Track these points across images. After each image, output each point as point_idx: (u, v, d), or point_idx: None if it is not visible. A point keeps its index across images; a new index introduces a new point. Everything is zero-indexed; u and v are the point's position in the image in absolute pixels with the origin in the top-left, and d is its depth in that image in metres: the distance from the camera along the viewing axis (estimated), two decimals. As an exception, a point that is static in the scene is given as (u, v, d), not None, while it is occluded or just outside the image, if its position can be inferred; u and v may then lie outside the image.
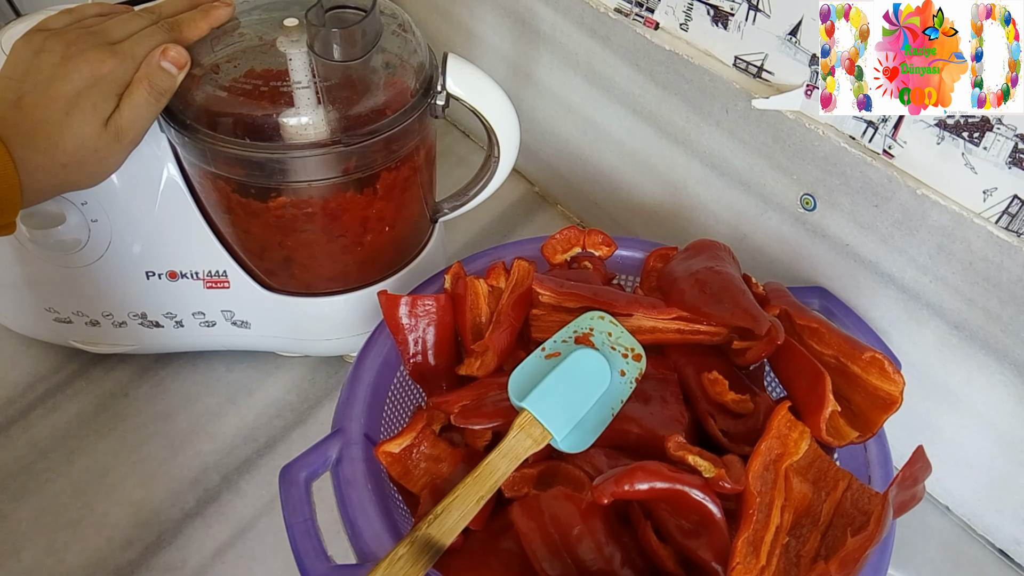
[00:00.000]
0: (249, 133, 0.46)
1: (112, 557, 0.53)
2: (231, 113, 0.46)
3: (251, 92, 0.46)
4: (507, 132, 0.55)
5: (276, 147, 0.47)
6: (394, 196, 0.53)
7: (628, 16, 0.59)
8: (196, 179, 0.52)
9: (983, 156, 0.44)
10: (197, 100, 0.47)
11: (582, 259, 0.54)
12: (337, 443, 0.43)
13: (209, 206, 0.53)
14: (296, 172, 0.48)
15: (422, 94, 0.51)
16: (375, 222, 0.54)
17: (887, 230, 0.50)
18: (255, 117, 0.46)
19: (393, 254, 0.58)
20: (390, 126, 0.49)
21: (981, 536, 0.57)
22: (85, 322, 0.58)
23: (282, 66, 0.47)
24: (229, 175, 0.49)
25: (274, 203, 0.50)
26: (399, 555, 0.37)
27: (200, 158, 0.49)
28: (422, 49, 0.52)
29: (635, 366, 0.46)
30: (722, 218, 0.61)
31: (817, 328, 0.46)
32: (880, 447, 0.45)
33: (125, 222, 0.53)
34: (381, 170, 0.51)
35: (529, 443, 0.42)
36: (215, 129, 0.47)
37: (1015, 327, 0.46)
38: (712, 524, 0.39)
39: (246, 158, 0.47)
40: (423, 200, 0.58)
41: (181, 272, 0.56)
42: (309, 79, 0.47)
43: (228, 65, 0.47)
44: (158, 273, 0.55)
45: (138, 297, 0.57)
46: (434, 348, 0.49)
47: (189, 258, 0.55)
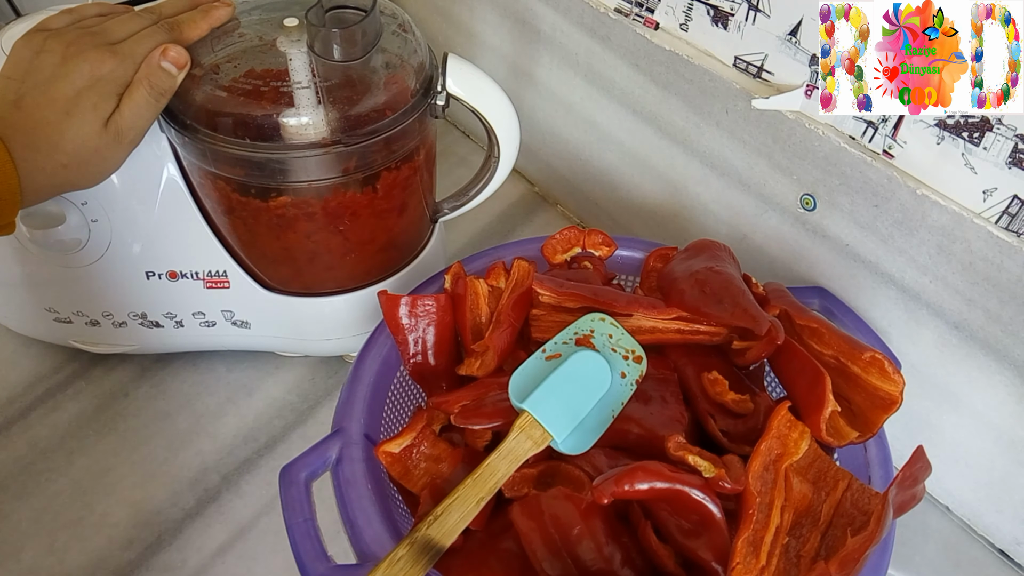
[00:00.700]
0: (249, 133, 0.46)
1: (112, 557, 0.53)
2: (231, 113, 0.46)
3: (251, 92, 0.46)
4: (507, 132, 0.55)
5: (276, 147, 0.47)
6: (394, 196, 0.53)
7: (628, 16, 0.59)
8: (196, 179, 0.52)
9: (983, 156, 0.44)
10: (197, 100, 0.47)
11: (582, 259, 0.54)
12: (337, 443, 0.43)
13: (209, 206, 0.53)
14: (296, 172, 0.48)
15: (422, 94, 0.51)
16: (375, 222, 0.54)
17: (887, 230, 0.50)
18: (255, 117, 0.46)
19: (393, 254, 0.58)
20: (390, 126, 0.49)
21: (981, 536, 0.57)
22: (85, 322, 0.58)
23: (282, 66, 0.47)
24: (229, 175, 0.49)
25: (274, 203, 0.50)
26: (399, 556, 0.37)
27: (200, 158, 0.49)
28: (422, 49, 0.52)
29: (636, 368, 0.46)
30: (722, 218, 0.61)
31: (817, 328, 0.46)
32: (880, 447, 0.45)
33: (125, 222, 0.53)
34: (381, 170, 0.51)
35: (529, 445, 0.42)
36: (215, 129, 0.47)
37: (1015, 327, 0.46)
38: (712, 524, 0.39)
39: (246, 158, 0.47)
40: (423, 200, 0.58)
41: (181, 272, 0.56)
42: (309, 79, 0.47)
43: (228, 65, 0.47)
44: (158, 273, 0.55)
45: (138, 297, 0.57)
46: (434, 348, 0.49)
47: (189, 258, 0.55)
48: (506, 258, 0.52)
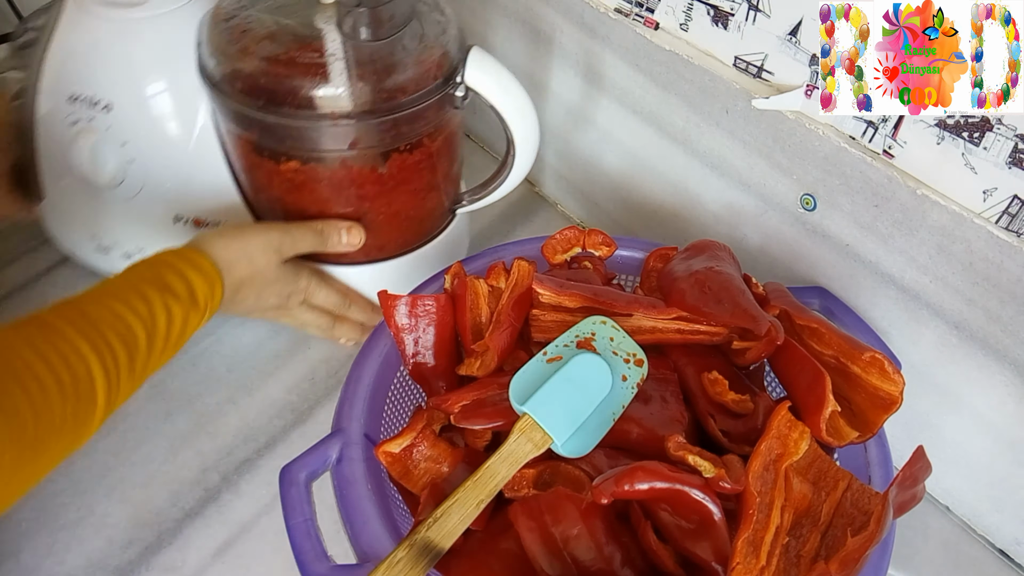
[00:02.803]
0: (264, 98, 0.49)
1: (112, 557, 0.53)
2: (249, 75, 0.50)
3: (283, 62, 0.49)
4: (524, 132, 0.56)
5: (284, 113, 0.50)
6: (403, 178, 0.55)
7: (628, 16, 0.59)
8: (223, 136, 0.57)
9: (983, 156, 0.44)
10: (236, 66, 0.51)
11: (582, 259, 0.54)
12: (337, 443, 0.43)
13: (234, 162, 0.58)
14: (303, 140, 0.51)
15: (441, 83, 0.52)
16: (382, 201, 0.55)
17: (887, 230, 0.50)
18: (281, 86, 0.49)
19: (400, 236, 0.60)
20: (401, 108, 0.50)
21: (981, 536, 0.57)
22: (120, 254, 0.62)
23: (313, 41, 0.49)
24: (247, 135, 0.53)
25: (284, 166, 0.53)
26: (398, 558, 0.37)
27: (225, 115, 0.53)
28: (452, 39, 0.53)
29: (637, 371, 0.46)
30: (722, 218, 0.61)
31: (817, 328, 0.46)
32: (880, 447, 0.45)
33: (160, 166, 0.58)
34: (391, 151, 0.53)
35: (529, 447, 0.42)
36: (248, 95, 0.50)
37: (1015, 327, 0.46)
38: (712, 524, 0.39)
39: (258, 121, 0.51)
40: (440, 188, 0.59)
41: (205, 221, 0.60)
42: (336, 54, 0.48)
43: (266, 41, 0.50)
44: (185, 218, 0.60)
45: (166, 239, 0.58)
46: (434, 348, 0.49)
47: (213, 209, 0.59)
48: (506, 258, 0.52)
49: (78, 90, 0.56)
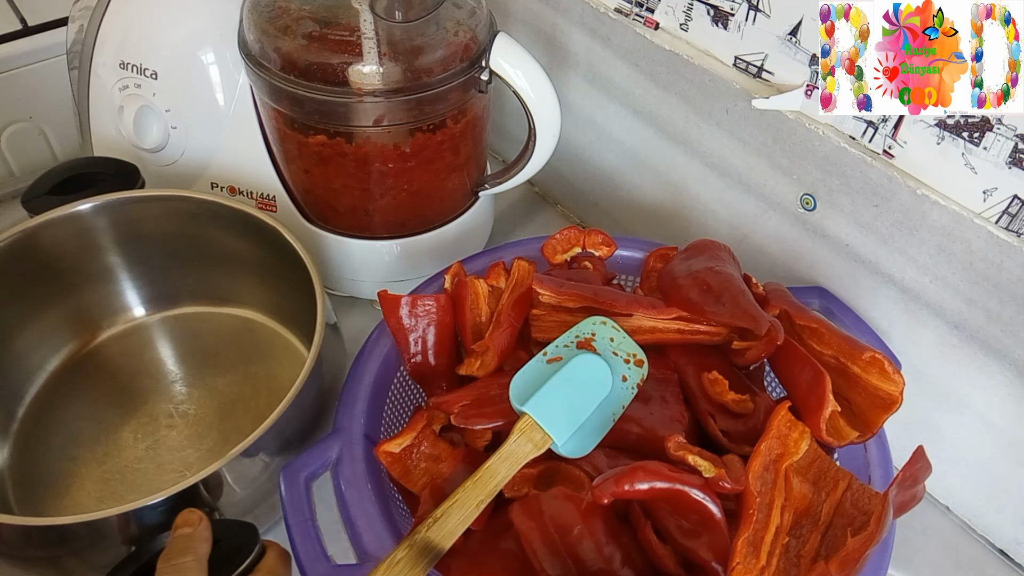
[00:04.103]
0: (304, 75, 0.52)
1: (112, 557, 0.53)
2: (299, 58, 0.52)
3: (317, 39, 0.51)
4: (546, 118, 0.57)
5: (320, 89, 0.52)
6: (427, 158, 0.57)
7: (628, 16, 0.59)
8: (257, 106, 0.59)
9: (983, 156, 0.44)
10: (275, 43, 0.53)
11: (582, 259, 0.54)
12: (337, 443, 0.43)
13: (268, 133, 0.60)
14: (332, 115, 0.54)
15: (468, 64, 0.53)
16: (403, 177, 0.57)
17: (887, 230, 0.50)
18: (314, 63, 0.51)
19: (423, 213, 0.62)
20: (430, 87, 0.52)
21: (981, 536, 0.57)
22: None
23: (347, 20, 0.51)
24: (279, 107, 0.56)
25: (312, 139, 0.56)
26: (398, 558, 0.37)
27: (260, 89, 0.56)
28: (481, 23, 0.54)
29: (637, 372, 0.46)
30: (722, 218, 0.61)
31: (817, 328, 0.46)
32: (880, 447, 0.45)
33: (200, 134, 0.61)
34: (416, 129, 0.54)
35: (530, 448, 0.42)
36: (284, 70, 0.53)
37: (1015, 327, 0.46)
38: (712, 524, 0.39)
39: (288, 93, 0.53)
40: (461, 169, 0.61)
41: (239, 189, 0.63)
42: (368, 34, 0.50)
43: (303, 20, 0.53)
44: (220, 186, 0.63)
45: None
46: (434, 348, 0.49)
47: (247, 178, 0.63)
48: (506, 258, 0.52)
49: (128, 57, 0.59)
